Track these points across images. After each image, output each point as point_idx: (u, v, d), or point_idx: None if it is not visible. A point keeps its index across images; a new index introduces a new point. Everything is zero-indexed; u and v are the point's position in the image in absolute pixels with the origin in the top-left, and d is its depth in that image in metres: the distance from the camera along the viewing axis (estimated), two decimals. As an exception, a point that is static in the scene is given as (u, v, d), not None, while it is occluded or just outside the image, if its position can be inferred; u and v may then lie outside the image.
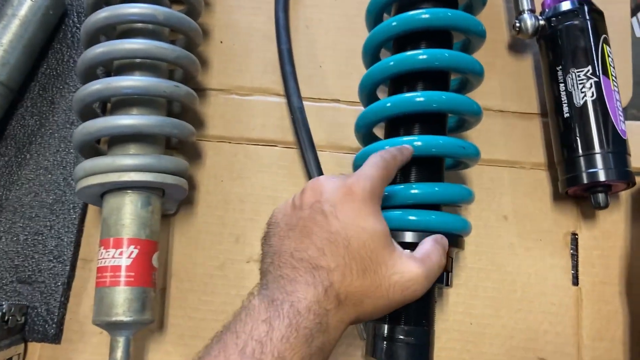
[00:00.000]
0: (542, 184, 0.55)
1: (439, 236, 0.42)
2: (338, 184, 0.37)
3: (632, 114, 0.58)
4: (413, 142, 0.45)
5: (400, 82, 0.49)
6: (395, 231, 0.44)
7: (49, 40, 0.61)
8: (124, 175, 0.47)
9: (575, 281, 0.53)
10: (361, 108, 0.50)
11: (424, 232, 0.44)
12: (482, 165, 0.56)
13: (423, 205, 0.45)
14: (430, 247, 0.40)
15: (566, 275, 0.53)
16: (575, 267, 0.53)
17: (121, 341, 0.47)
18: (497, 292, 0.52)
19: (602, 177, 0.49)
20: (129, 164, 0.47)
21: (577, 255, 0.53)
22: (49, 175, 0.57)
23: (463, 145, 0.46)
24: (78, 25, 0.62)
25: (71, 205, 0.56)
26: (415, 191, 0.45)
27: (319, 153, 0.56)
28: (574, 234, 0.54)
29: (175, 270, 0.55)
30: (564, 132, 0.52)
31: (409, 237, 0.44)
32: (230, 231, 0.56)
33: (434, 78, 0.48)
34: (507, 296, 0.52)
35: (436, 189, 0.46)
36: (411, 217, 0.44)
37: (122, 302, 0.46)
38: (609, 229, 0.54)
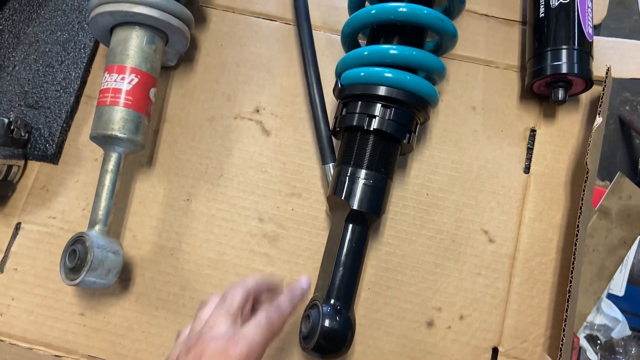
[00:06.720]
0: (512, 83, 0.60)
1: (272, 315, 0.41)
2: (219, 345, 0.37)
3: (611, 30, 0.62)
4: (398, 9, 0.50)
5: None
6: (372, 85, 0.49)
7: None
8: (134, 7, 0.52)
9: (527, 170, 0.58)
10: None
11: (397, 89, 0.49)
12: (460, 61, 0.61)
13: (400, 67, 0.50)
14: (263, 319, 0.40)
15: (519, 164, 0.58)
16: (529, 158, 0.58)
17: (114, 156, 0.52)
18: (454, 171, 0.57)
19: (564, 69, 0.53)
20: (139, -3, 0.52)
21: (532, 149, 0.58)
22: (66, 17, 0.62)
23: (442, 18, 0.51)
24: None
25: (82, 45, 0.61)
26: (394, 52, 0.50)
27: (313, 32, 0.60)
28: (533, 130, 0.59)
29: (169, 116, 0.60)
30: (537, 29, 0.56)
31: (382, 90, 0.49)
32: (223, 90, 0.61)
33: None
34: (463, 175, 0.57)
35: (414, 52, 0.50)
36: (387, 74, 0.49)
37: (118, 119, 0.51)
38: (565, 128, 0.58)
